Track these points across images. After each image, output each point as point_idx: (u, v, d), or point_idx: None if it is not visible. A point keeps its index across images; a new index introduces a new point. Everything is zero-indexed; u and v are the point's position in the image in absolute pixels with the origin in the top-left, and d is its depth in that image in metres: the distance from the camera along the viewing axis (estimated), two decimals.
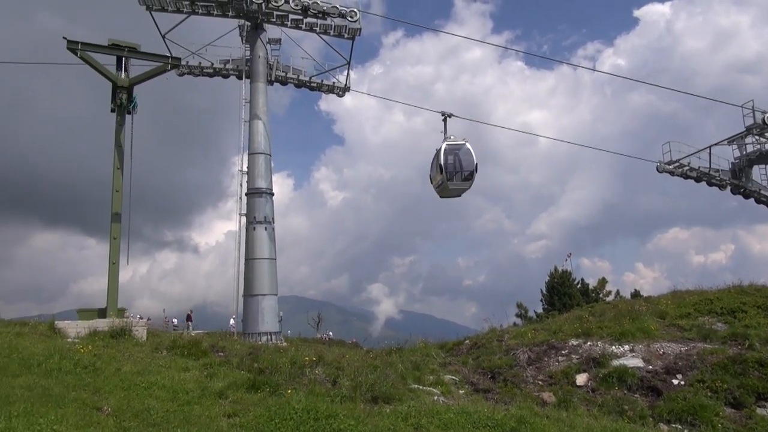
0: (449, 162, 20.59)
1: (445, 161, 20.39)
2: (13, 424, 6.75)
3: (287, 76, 32.87)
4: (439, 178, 21.29)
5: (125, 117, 16.32)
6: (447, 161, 20.55)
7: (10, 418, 6.88)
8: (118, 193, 15.71)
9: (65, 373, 9.73)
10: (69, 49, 15.22)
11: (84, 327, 13.89)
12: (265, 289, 27.96)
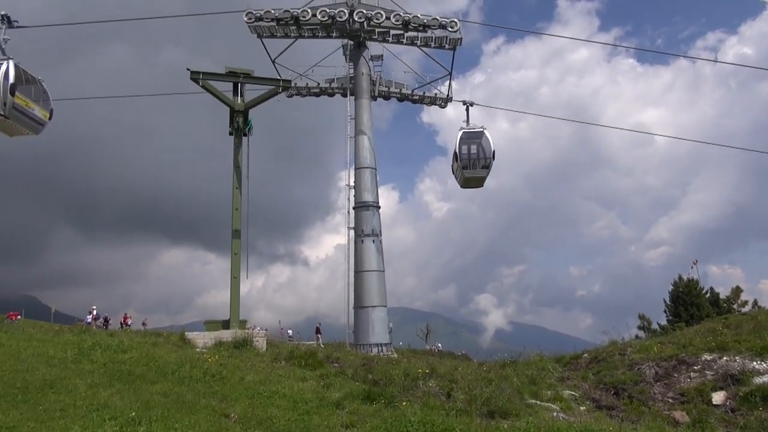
0: (464, 150, 19.98)
1: (461, 149, 19.87)
2: (153, 427, 7.27)
3: (390, 91, 33.42)
4: (455, 166, 20.68)
5: (242, 139, 17.35)
6: (462, 149, 19.97)
7: (150, 422, 7.42)
8: (237, 211, 16.69)
9: (195, 381, 10.37)
10: (192, 79, 16.47)
11: (210, 338, 14.80)
12: (374, 300, 28.38)
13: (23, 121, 18.18)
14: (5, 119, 17.47)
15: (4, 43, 18.40)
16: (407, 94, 33.64)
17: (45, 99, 18.92)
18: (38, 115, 17.94)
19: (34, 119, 18.23)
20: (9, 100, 16.79)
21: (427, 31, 30.22)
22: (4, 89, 17.29)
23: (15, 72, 17.68)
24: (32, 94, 18.45)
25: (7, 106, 16.96)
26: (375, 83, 32.52)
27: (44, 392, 8.27)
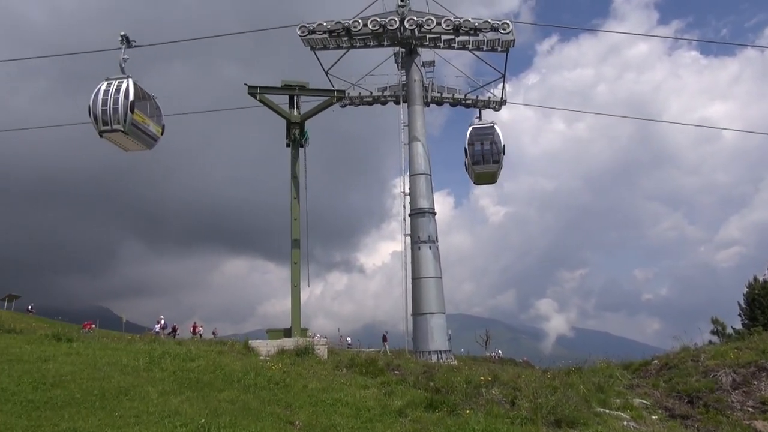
0: (475, 146, 19.72)
1: (471, 145, 19.62)
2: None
3: (442, 96, 33.31)
4: (467, 162, 20.32)
5: (299, 150, 17.68)
6: (472, 145, 19.66)
7: (219, 429, 7.61)
8: (296, 221, 16.99)
9: (260, 388, 10.57)
10: (250, 93, 16.93)
11: (273, 346, 15.08)
12: (432, 307, 28.21)
13: (140, 137, 19.24)
14: (124, 135, 18.51)
15: (123, 62, 19.56)
16: (460, 99, 33.43)
17: (158, 115, 19.96)
18: (152, 130, 18.89)
19: (149, 135, 19.18)
20: (129, 117, 17.82)
21: (479, 34, 29.99)
22: (124, 106, 18.35)
23: (134, 90, 18.74)
24: (147, 110, 19.54)
25: (127, 123, 18.02)
26: (427, 89, 32.50)
27: (119, 399, 8.62)
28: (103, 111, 19.25)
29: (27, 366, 10.24)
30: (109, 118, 18.93)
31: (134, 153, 20.77)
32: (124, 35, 20.18)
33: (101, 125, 19.38)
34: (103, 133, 19.38)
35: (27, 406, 7.85)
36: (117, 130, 19.10)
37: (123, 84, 19.10)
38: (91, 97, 19.64)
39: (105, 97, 19.36)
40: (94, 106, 19.43)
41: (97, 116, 19.37)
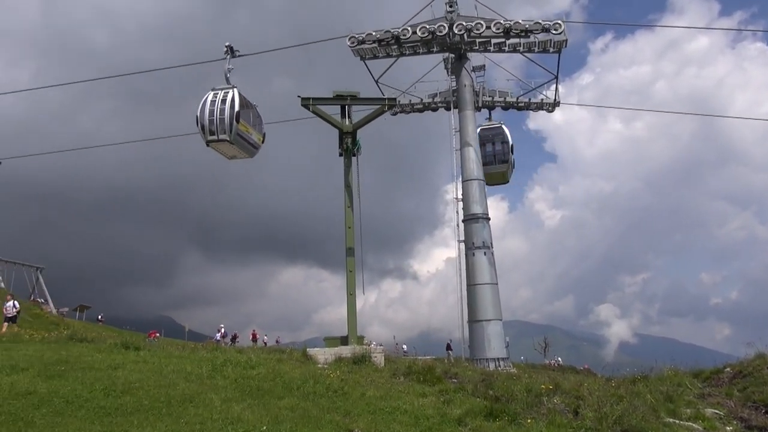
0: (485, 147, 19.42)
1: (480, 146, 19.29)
2: None
3: (494, 100, 32.96)
4: None
5: (351, 159, 17.83)
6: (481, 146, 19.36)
7: None
8: (350, 229, 17.11)
9: (319, 396, 10.66)
10: (303, 105, 17.22)
11: (330, 354, 15.20)
12: (488, 314, 27.84)
13: (243, 146, 19.80)
14: (230, 144, 19.08)
15: (228, 72, 20.22)
16: (512, 102, 32.99)
17: (259, 123, 20.48)
18: (254, 139, 19.37)
19: (251, 143, 19.69)
20: (234, 126, 18.36)
21: (530, 36, 29.56)
22: (230, 116, 18.91)
23: (239, 100, 19.32)
24: (250, 119, 20.14)
25: (233, 132, 18.60)
26: (478, 94, 32.23)
27: (184, 406, 8.86)
28: (210, 121, 19.77)
29: (98, 374, 10.67)
30: (216, 127, 19.42)
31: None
32: (229, 45, 20.72)
33: (208, 135, 19.90)
34: (209, 142, 19.88)
35: (99, 412, 8.18)
36: (223, 139, 19.54)
37: (229, 94, 19.54)
38: (199, 108, 20.15)
39: (212, 107, 19.86)
40: (202, 116, 19.95)
41: (204, 126, 19.91)
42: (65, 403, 8.42)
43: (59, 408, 8.16)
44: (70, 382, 9.78)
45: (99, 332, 27.35)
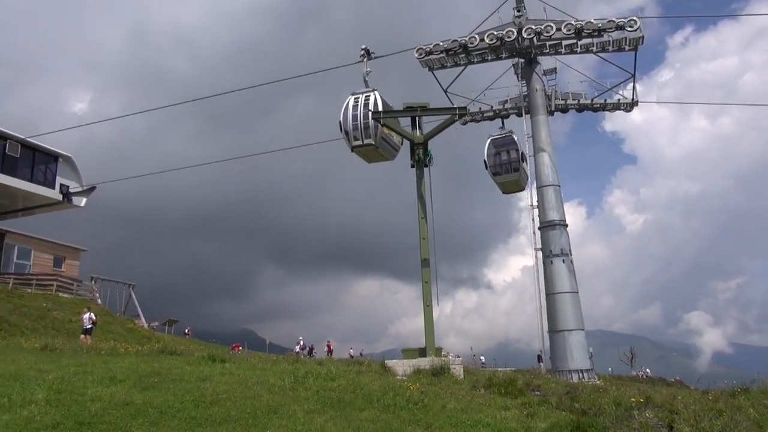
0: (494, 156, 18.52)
1: (488, 156, 18.47)
2: None
3: (567, 103, 32.10)
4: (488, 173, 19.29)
5: (423, 170, 17.84)
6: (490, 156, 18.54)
7: None
8: (424, 240, 17.08)
9: (400, 408, 10.63)
10: (373, 118, 17.45)
11: (408, 365, 15.17)
12: (570, 324, 26.94)
13: (386, 149, 19.85)
14: (374, 149, 19.24)
15: (367, 76, 20.56)
16: (586, 104, 32.01)
17: None
18: (395, 141, 19.44)
19: (393, 145, 19.82)
20: (379, 130, 18.50)
21: (603, 35, 28.61)
22: (374, 121, 18.87)
23: (381, 102, 19.52)
24: None
25: (378, 136, 18.76)
26: (550, 98, 31.49)
27: (269, 417, 9.08)
28: (354, 126, 19.58)
29: (188, 385, 11.13)
30: (360, 133, 19.30)
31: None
32: (365, 48, 20.91)
33: (353, 140, 19.75)
34: (354, 148, 19.77)
35: (190, 422, 8.51)
36: (368, 144, 19.46)
37: (370, 98, 19.46)
38: (341, 113, 20.03)
39: (354, 112, 19.69)
40: (345, 123, 19.83)
41: (348, 132, 19.75)
42: (159, 413, 8.82)
43: (154, 418, 8.55)
44: (163, 393, 10.25)
45: (187, 345, 28.58)
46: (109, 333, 36.45)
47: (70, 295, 44.08)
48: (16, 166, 41.61)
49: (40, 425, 7.81)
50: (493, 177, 19.64)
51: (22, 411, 8.45)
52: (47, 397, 9.44)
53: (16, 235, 46.37)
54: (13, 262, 45.12)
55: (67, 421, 8.04)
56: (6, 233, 45.54)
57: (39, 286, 42.27)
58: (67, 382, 10.67)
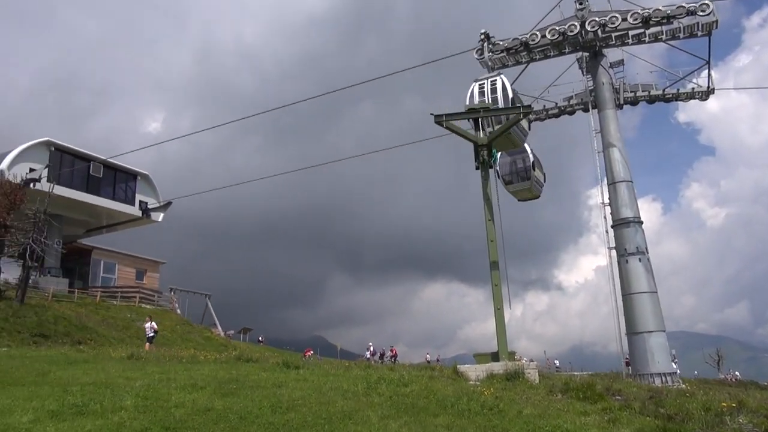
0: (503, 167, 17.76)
1: (500, 165, 17.74)
2: None
3: (636, 96, 30.87)
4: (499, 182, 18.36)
5: (488, 172, 17.58)
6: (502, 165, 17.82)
7: None
8: (492, 242, 16.81)
9: (474, 414, 10.47)
10: (436, 122, 17.36)
11: (481, 370, 14.93)
12: (649, 325, 25.79)
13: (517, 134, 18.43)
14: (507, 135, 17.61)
15: (489, 61, 19.74)
16: (658, 95, 30.68)
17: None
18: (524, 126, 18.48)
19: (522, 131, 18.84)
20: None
21: (673, 21, 27.37)
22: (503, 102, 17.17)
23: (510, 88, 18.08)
24: None
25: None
26: (618, 91, 30.39)
27: (344, 422, 9.15)
28: None
29: (264, 391, 11.41)
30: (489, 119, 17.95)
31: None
32: (485, 32, 19.96)
33: None
34: None
35: (269, 427, 8.71)
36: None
37: (497, 82, 18.65)
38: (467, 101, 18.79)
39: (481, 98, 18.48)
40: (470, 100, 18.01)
41: None
42: (239, 419, 9.08)
43: (234, 424, 8.81)
44: (241, 399, 10.56)
45: (261, 352, 29.37)
46: (188, 341, 38.00)
47: (152, 305, 46.34)
48: (100, 185, 44.33)
49: (130, 430, 8.21)
50: (505, 186, 19.29)
51: (113, 417, 8.91)
52: (135, 403, 9.93)
53: (101, 250, 49.30)
54: (100, 276, 47.99)
55: (154, 426, 8.41)
56: (93, 249, 48.48)
57: (123, 298, 44.71)
58: (153, 389, 11.18)
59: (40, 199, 34.44)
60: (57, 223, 39.36)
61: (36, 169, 38.53)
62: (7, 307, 30.86)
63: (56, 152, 40.93)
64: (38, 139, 40.32)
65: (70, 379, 12.78)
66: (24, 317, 30.55)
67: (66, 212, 41.69)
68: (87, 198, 42.60)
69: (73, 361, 16.40)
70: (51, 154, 40.40)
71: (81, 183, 42.55)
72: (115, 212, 45.99)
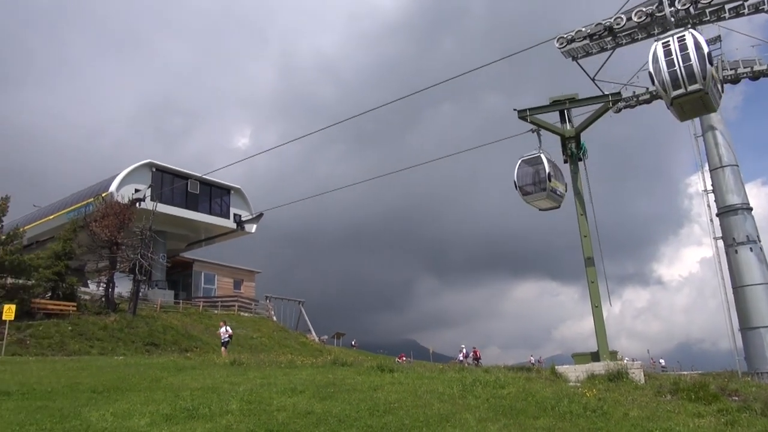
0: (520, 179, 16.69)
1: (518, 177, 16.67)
2: None
3: (737, 73, 28.72)
4: None
5: (578, 165, 16.94)
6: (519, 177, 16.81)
7: None
8: (586, 238, 16.18)
9: (576, 416, 10.07)
10: (520, 117, 16.98)
11: (581, 371, 14.37)
12: (766, 319, 23.81)
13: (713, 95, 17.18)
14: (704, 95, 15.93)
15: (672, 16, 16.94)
16: (762, 71, 28.36)
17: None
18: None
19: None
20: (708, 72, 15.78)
21: None
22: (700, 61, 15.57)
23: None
24: None
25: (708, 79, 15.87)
26: (716, 69, 28.34)
27: (442, 425, 9.09)
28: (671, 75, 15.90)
29: (361, 395, 11.57)
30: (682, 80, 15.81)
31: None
32: None
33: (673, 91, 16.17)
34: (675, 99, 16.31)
35: (367, 430, 8.81)
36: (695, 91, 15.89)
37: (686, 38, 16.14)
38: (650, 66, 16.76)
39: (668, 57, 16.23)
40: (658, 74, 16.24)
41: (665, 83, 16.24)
42: (338, 422, 9.25)
43: (334, 427, 8.99)
44: (339, 402, 10.76)
45: (355, 356, 29.83)
46: (285, 347, 39.34)
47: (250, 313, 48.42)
48: (197, 201, 46.97)
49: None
50: (523, 197, 18.84)
51: (221, 420, 9.36)
52: (240, 407, 10.38)
53: (201, 263, 52.16)
54: (201, 287, 50.77)
55: (259, 429, 8.75)
56: (194, 262, 51.37)
57: (223, 307, 47.04)
58: (256, 394, 11.64)
59: (145, 217, 37.06)
60: (161, 239, 42.14)
61: (140, 189, 41.45)
62: (121, 318, 33.36)
63: (157, 172, 43.84)
64: (141, 162, 43.38)
65: (180, 384, 13.56)
66: (136, 327, 32.89)
67: (168, 228, 44.50)
68: (187, 214, 45.30)
69: (181, 367, 17.40)
70: (153, 175, 43.33)
71: (180, 200, 45.32)
72: (212, 226, 48.59)
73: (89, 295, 38.08)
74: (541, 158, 18.01)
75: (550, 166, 17.45)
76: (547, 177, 17.85)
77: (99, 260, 38.23)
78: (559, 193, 18.62)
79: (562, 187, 18.71)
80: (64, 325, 29.79)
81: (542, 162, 18.21)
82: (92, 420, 9.56)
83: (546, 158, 17.44)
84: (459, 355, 43.06)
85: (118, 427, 9.11)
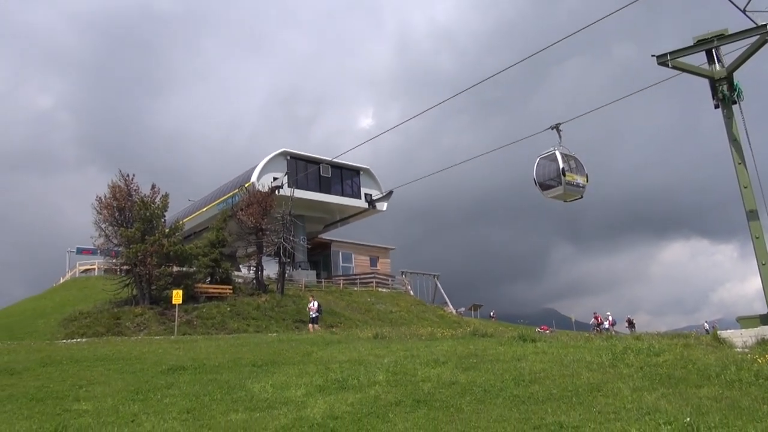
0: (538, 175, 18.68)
1: (537, 174, 18.47)
2: None
3: None
4: None
5: (732, 109, 15.16)
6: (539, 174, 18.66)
7: (710, 429, 6.84)
8: (746, 189, 14.50)
9: (747, 384, 9.16)
10: (659, 63, 15.48)
11: (749, 335, 13.05)
12: None
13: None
14: None
15: None
16: None
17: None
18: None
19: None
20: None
21: None
22: None
23: None
24: None
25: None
26: None
27: (593, 395, 8.72)
28: None
29: (504, 365, 11.44)
30: None
31: None
32: None
33: None
34: None
35: (514, 400, 8.70)
36: None
37: None
38: None
39: None
40: None
41: None
42: (483, 391, 9.24)
43: (479, 396, 8.99)
44: (482, 373, 10.73)
45: (495, 327, 29.64)
46: (423, 320, 40.07)
47: (387, 289, 49.85)
48: (330, 184, 48.96)
49: (385, 402, 8.89)
50: (542, 192, 18.03)
51: (369, 390, 9.76)
52: (386, 378, 10.74)
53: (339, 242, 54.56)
54: (340, 266, 53.15)
55: (406, 399, 8.99)
56: (331, 242, 53.85)
57: (362, 284, 48.88)
58: (400, 365, 11.97)
59: (284, 203, 39.44)
60: (300, 222, 44.58)
61: (278, 177, 44.05)
62: (271, 298, 35.99)
63: (292, 160, 46.28)
64: (276, 151, 46.00)
65: (329, 358, 14.34)
66: (285, 306, 35.31)
67: (306, 212, 46.93)
68: (321, 197, 47.46)
69: (329, 342, 18.37)
70: (288, 162, 45.82)
71: (314, 184, 47.52)
72: (345, 207, 50.49)
73: (242, 278, 41.51)
74: (555, 154, 18.06)
75: (565, 161, 18.09)
76: (562, 172, 17.76)
77: (247, 246, 41.48)
78: (577, 184, 18.37)
79: (582, 178, 18.46)
80: (224, 306, 32.80)
81: (556, 159, 18.12)
82: (255, 391, 10.43)
83: (560, 154, 18.06)
84: (606, 322, 40.93)
85: (278, 397, 9.85)
